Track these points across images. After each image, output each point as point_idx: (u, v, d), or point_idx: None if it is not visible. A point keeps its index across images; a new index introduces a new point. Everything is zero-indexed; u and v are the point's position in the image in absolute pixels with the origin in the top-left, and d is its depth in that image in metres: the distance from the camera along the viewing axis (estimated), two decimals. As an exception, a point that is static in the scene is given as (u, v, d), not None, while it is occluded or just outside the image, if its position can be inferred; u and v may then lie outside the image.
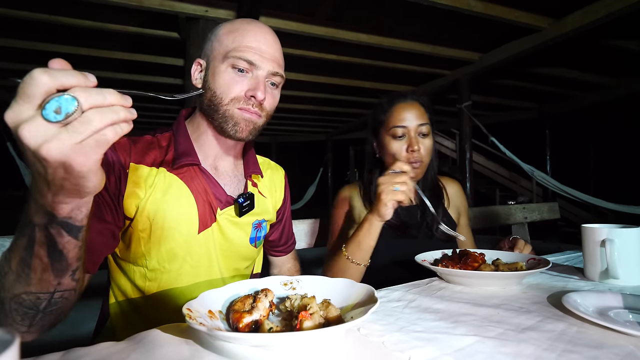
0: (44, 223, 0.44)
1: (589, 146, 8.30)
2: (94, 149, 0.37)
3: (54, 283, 0.49)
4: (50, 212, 0.43)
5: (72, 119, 0.35)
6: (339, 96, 5.66)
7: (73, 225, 0.45)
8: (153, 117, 7.11)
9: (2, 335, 0.22)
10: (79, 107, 0.35)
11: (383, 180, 0.84)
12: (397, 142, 1.02)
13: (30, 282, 0.48)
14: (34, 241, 0.45)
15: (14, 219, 0.49)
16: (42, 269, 0.47)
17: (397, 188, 0.82)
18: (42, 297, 0.49)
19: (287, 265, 1.04)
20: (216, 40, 0.74)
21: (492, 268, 0.76)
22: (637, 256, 0.73)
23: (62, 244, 0.46)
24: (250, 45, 0.71)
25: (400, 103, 1.05)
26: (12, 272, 0.48)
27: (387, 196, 0.82)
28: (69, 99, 0.35)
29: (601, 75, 4.88)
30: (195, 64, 0.77)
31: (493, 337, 0.48)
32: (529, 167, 4.61)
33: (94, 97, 0.36)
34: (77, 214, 0.45)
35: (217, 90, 0.72)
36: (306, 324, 0.46)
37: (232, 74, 0.71)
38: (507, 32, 3.42)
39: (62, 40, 3.54)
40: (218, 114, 0.72)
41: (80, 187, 0.40)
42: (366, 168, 1.16)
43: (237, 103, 0.72)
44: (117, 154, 0.70)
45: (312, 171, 8.52)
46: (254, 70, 0.72)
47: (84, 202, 0.44)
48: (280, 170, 0.98)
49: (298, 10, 3.03)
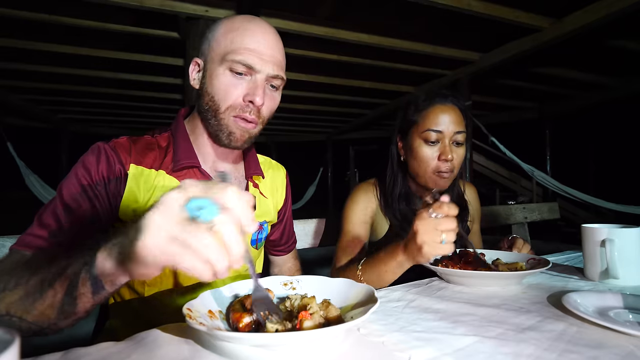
0: (80, 267, 0.45)
1: (589, 146, 8.29)
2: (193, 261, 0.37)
3: (51, 322, 0.49)
4: (92, 261, 0.44)
5: (206, 225, 0.36)
6: (339, 96, 5.65)
7: (101, 284, 0.46)
8: (153, 117, 7.10)
9: (2, 335, 0.22)
10: (213, 221, 0.36)
11: (425, 227, 0.66)
12: (429, 147, 0.93)
13: (31, 311, 0.48)
14: (60, 275, 0.46)
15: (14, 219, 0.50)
16: (50, 304, 0.47)
17: (444, 242, 0.65)
18: (32, 329, 0.49)
19: (288, 264, 1.04)
20: (214, 40, 0.70)
21: (492, 268, 0.76)
22: (637, 256, 0.73)
23: (79, 293, 0.46)
24: (249, 47, 0.68)
25: (439, 105, 0.95)
26: (22, 288, 0.48)
27: (431, 250, 0.66)
28: (214, 209, 0.36)
29: (601, 75, 4.87)
30: (192, 64, 0.74)
31: (493, 337, 0.48)
32: (529, 167, 4.60)
33: (232, 226, 0.37)
34: (110, 280, 0.45)
35: (214, 95, 0.69)
36: (306, 324, 0.46)
37: (230, 77, 0.69)
38: (507, 32, 3.41)
39: (62, 40, 3.53)
40: (214, 121, 0.71)
41: (144, 275, 0.41)
42: (389, 173, 1.04)
43: (234, 111, 0.69)
44: (118, 152, 0.70)
45: (312, 171, 8.52)
46: (252, 73, 0.69)
47: (125, 279, 0.45)
48: (281, 169, 0.98)
49: (298, 10, 3.02)
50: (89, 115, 6.92)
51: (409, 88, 5.33)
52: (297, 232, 1.13)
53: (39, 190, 5.14)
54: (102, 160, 0.68)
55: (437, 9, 2.85)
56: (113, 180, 0.69)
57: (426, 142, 0.94)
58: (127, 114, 6.78)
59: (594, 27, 3.02)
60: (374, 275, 0.79)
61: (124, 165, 0.70)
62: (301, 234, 1.24)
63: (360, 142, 9.41)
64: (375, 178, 1.09)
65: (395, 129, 1.04)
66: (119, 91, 5.28)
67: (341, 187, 9.61)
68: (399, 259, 0.73)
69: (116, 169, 0.69)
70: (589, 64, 4.46)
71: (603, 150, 8.08)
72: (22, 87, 5.04)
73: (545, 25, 3.20)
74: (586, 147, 8.32)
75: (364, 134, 9.27)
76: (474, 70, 4.28)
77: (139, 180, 0.71)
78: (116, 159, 0.69)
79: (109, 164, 0.69)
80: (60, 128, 7.36)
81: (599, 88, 5.48)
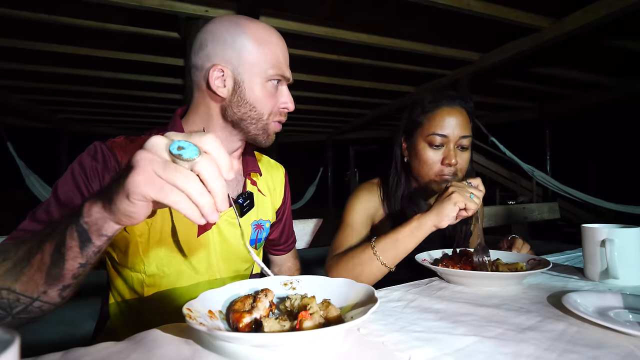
0: (68, 222, 0.46)
1: (589, 146, 8.30)
2: (176, 197, 0.39)
3: (41, 289, 0.49)
4: (79, 212, 0.45)
5: (190, 164, 0.39)
6: (339, 96, 5.65)
7: (88, 235, 0.46)
8: (153, 117, 7.10)
9: (2, 335, 0.22)
10: (196, 158, 0.39)
11: (458, 183, 0.78)
12: (433, 151, 0.92)
13: (19, 278, 0.48)
14: (49, 236, 0.47)
15: (14, 219, 0.50)
16: (38, 268, 0.47)
17: (473, 196, 0.75)
18: (21, 300, 0.49)
19: (287, 264, 1.04)
20: (245, 51, 0.71)
21: (492, 268, 0.76)
22: (637, 256, 0.73)
23: (67, 247, 0.46)
24: (281, 59, 0.74)
25: (445, 107, 0.92)
26: (10, 260, 0.48)
27: (460, 196, 0.74)
28: (194, 149, 0.39)
29: (601, 75, 4.88)
30: (215, 69, 0.71)
31: (493, 337, 0.48)
32: (529, 167, 4.60)
33: (211, 166, 0.40)
34: (97, 228, 0.45)
35: (257, 104, 0.73)
36: (306, 324, 0.46)
37: (270, 88, 0.74)
38: (507, 32, 3.41)
39: (62, 40, 3.53)
40: (257, 127, 0.75)
41: (130, 216, 0.42)
42: (392, 173, 1.03)
43: (275, 116, 0.76)
44: (114, 151, 0.70)
45: (312, 171, 8.52)
46: (285, 82, 0.77)
47: (111, 228, 0.45)
48: (280, 169, 0.98)
49: (298, 10, 3.02)
50: (88, 115, 6.92)
51: (409, 88, 5.33)
52: (297, 232, 1.13)
53: (39, 190, 5.14)
54: (98, 158, 0.69)
55: (437, 9, 2.86)
56: (109, 178, 0.69)
57: (430, 146, 0.92)
58: (127, 114, 6.78)
59: (593, 27, 3.02)
60: (390, 243, 0.80)
61: (120, 164, 0.70)
62: (301, 234, 1.23)
63: (360, 142, 9.41)
64: (379, 178, 1.08)
65: (400, 129, 1.03)
66: (119, 91, 5.28)
67: (341, 187, 9.61)
68: (418, 219, 0.78)
69: (112, 167, 0.69)
70: (589, 64, 4.46)
71: (603, 150, 8.09)
72: (22, 87, 5.04)
73: (545, 25, 3.20)
74: (586, 147, 8.33)
75: (364, 134, 9.28)
76: (473, 70, 4.28)
77: None
78: (112, 158, 0.70)
79: (105, 162, 0.69)
80: (60, 128, 7.36)
81: (598, 88, 5.49)
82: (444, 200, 0.76)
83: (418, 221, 0.78)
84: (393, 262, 0.81)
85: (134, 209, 0.41)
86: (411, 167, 0.99)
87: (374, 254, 0.80)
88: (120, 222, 0.44)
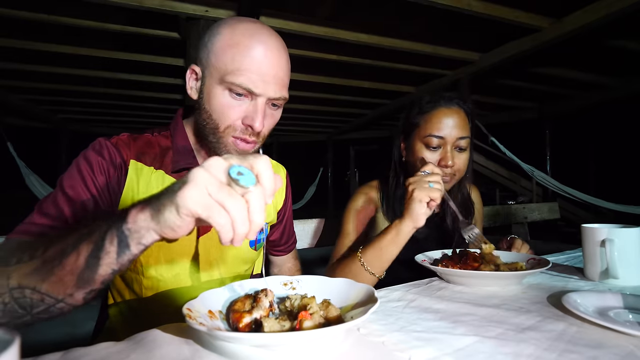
0: (109, 226, 0.45)
1: (589, 146, 8.29)
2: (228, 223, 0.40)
3: (68, 292, 0.47)
4: (124, 217, 0.44)
5: (243, 190, 0.40)
6: (339, 96, 5.65)
7: (127, 242, 0.45)
8: (152, 117, 7.10)
9: (2, 335, 0.22)
10: (251, 188, 0.40)
11: (414, 179, 0.78)
12: (430, 152, 0.91)
13: (48, 278, 0.46)
14: (86, 237, 0.46)
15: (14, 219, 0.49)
16: (70, 270, 0.45)
17: (432, 185, 0.76)
18: (45, 301, 0.47)
19: (288, 264, 1.04)
20: (213, 53, 0.65)
21: (492, 268, 0.76)
22: (637, 256, 0.73)
23: (105, 251, 0.45)
24: (251, 69, 0.63)
25: (442, 108, 0.91)
26: (38, 259, 0.47)
27: (420, 192, 0.75)
28: (252, 178, 0.41)
29: (601, 75, 4.87)
30: (190, 71, 0.70)
31: (493, 337, 0.48)
32: (529, 167, 4.60)
33: (261, 199, 0.41)
34: (139, 236, 0.44)
35: (212, 113, 0.67)
36: (306, 324, 0.46)
37: (228, 98, 0.65)
38: (507, 32, 3.41)
39: (62, 40, 3.53)
40: (213, 138, 0.69)
41: (174, 230, 0.42)
42: (391, 173, 1.02)
43: (234, 131, 0.67)
44: (119, 148, 0.70)
45: (312, 171, 8.52)
46: (253, 97, 0.66)
47: (151, 238, 0.45)
48: (281, 169, 0.97)
49: (298, 10, 3.02)
50: (88, 115, 6.92)
51: (409, 88, 5.33)
52: (297, 232, 1.13)
53: (39, 190, 5.14)
54: (104, 155, 0.69)
55: (437, 9, 2.85)
56: (114, 174, 0.69)
57: (427, 147, 0.92)
58: (127, 114, 6.77)
59: (593, 27, 3.02)
60: (375, 252, 0.80)
61: (125, 160, 0.71)
62: (301, 234, 1.24)
63: (360, 142, 9.41)
64: (377, 180, 1.08)
65: (398, 129, 1.03)
66: (119, 91, 5.27)
67: (341, 187, 9.61)
68: (396, 225, 0.79)
69: (117, 164, 0.70)
70: (589, 64, 4.46)
71: (603, 150, 8.08)
72: (22, 87, 5.03)
73: (545, 25, 3.20)
74: (586, 147, 8.32)
75: (364, 134, 9.27)
76: (474, 70, 4.27)
77: (139, 176, 0.71)
78: (117, 154, 0.70)
79: (111, 158, 0.69)
80: (60, 128, 7.36)
81: (598, 88, 5.48)
82: (409, 202, 0.77)
83: (396, 228, 0.79)
84: (381, 271, 0.82)
85: (180, 223, 0.41)
86: (410, 166, 0.99)
87: (361, 266, 0.82)
88: (163, 234, 0.43)
